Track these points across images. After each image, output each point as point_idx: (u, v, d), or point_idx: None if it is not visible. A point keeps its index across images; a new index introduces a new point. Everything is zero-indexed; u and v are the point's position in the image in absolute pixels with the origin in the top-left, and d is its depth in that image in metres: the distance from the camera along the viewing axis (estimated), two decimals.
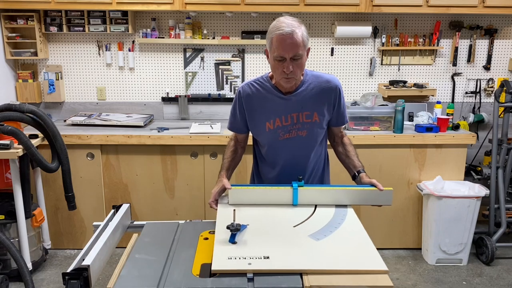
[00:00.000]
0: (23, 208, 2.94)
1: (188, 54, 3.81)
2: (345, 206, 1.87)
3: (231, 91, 3.88)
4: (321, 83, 1.94)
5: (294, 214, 1.79)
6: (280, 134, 1.95)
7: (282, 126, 1.94)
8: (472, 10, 3.44)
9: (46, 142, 3.09)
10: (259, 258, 1.45)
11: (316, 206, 1.86)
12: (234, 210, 1.70)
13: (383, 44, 3.77)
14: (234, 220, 1.61)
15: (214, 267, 1.41)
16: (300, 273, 1.39)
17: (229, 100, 3.84)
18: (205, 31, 3.70)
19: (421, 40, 3.77)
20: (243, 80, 3.84)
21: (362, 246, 1.56)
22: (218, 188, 1.94)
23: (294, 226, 1.70)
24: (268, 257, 1.46)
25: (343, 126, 2.10)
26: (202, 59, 3.81)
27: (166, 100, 3.85)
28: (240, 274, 1.39)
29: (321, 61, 3.84)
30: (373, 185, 1.92)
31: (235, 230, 1.55)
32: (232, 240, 1.55)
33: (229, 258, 1.45)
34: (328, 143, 2.16)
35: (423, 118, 3.63)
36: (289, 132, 1.95)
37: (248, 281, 1.37)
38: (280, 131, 1.95)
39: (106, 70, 3.82)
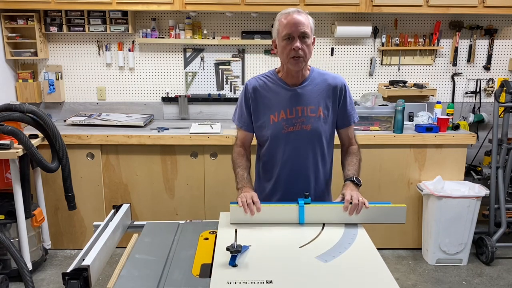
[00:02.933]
0: (23, 208, 2.94)
1: (188, 54, 3.81)
2: (355, 224, 1.74)
3: (231, 91, 3.88)
4: (327, 79, 1.97)
5: (300, 234, 1.67)
6: (284, 126, 1.94)
7: (287, 119, 1.93)
8: (472, 10, 3.44)
9: (46, 142, 3.09)
10: (261, 283, 1.34)
11: (324, 224, 1.74)
12: (236, 230, 1.61)
13: (383, 44, 3.77)
14: (235, 241, 1.52)
15: None
16: None
17: (229, 100, 3.84)
18: (205, 31, 3.70)
19: (421, 40, 3.77)
20: (243, 80, 3.84)
21: (374, 268, 1.45)
22: (253, 194, 1.83)
23: (300, 247, 1.58)
24: (271, 281, 1.35)
25: (352, 132, 2.06)
26: (202, 59, 3.81)
27: (166, 100, 3.84)
28: None
29: (321, 61, 3.83)
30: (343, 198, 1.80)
31: (235, 252, 1.45)
32: (232, 263, 1.45)
33: (228, 283, 1.34)
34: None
35: (423, 118, 3.63)
36: (293, 125, 1.94)
37: None
38: (285, 124, 1.94)
39: (106, 70, 3.81)
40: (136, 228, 1.91)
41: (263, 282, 1.34)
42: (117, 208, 1.90)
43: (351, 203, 1.75)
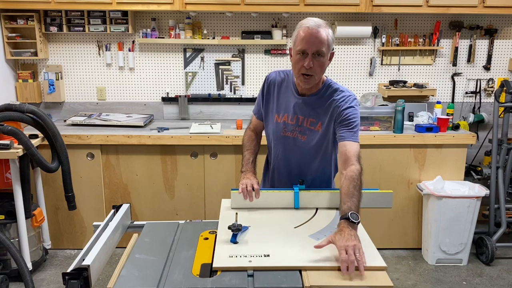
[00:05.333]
0: (23, 208, 2.94)
1: (188, 54, 3.81)
2: None
3: (231, 91, 3.88)
4: (334, 96, 1.88)
5: (295, 217, 1.81)
6: (283, 129, 1.98)
7: (287, 123, 1.97)
8: (472, 10, 3.44)
9: (46, 142, 3.09)
10: (259, 256, 1.48)
11: (317, 209, 1.88)
12: (237, 213, 1.73)
13: (383, 44, 3.77)
14: (236, 221, 1.64)
15: (216, 264, 1.44)
16: (300, 270, 1.41)
17: (229, 100, 3.84)
18: (205, 31, 3.70)
19: (421, 40, 3.77)
20: (243, 80, 3.84)
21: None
22: (254, 181, 1.90)
23: (295, 227, 1.72)
24: (268, 255, 1.49)
25: (351, 149, 1.78)
26: (202, 59, 3.81)
27: (166, 100, 3.84)
28: (241, 270, 1.41)
29: None
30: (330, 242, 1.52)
31: (236, 230, 1.59)
32: (234, 240, 1.58)
33: (230, 256, 1.48)
34: None
35: (423, 118, 3.63)
36: (291, 132, 1.97)
37: (248, 277, 1.38)
38: (284, 127, 1.98)
39: (106, 70, 3.81)
40: (136, 228, 1.91)
41: (261, 256, 1.48)
42: (117, 208, 1.90)
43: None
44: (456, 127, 3.48)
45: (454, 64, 3.84)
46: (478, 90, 3.91)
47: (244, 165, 2.03)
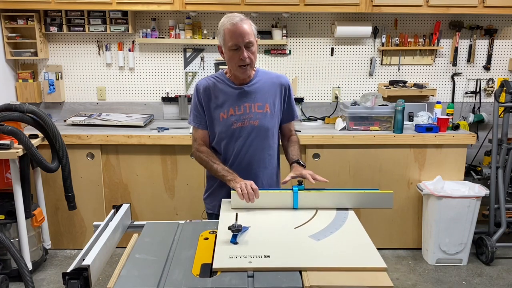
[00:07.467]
0: (23, 208, 2.94)
1: (188, 54, 3.81)
2: (346, 209, 1.88)
3: None
4: (272, 78, 2.11)
5: (295, 217, 1.82)
6: (233, 123, 2.04)
7: (235, 115, 2.03)
8: (472, 10, 3.44)
9: (46, 142, 3.10)
10: (259, 257, 1.47)
11: (317, 210, 1.88)
12: (237, 214, 1.72)
13: (383, 44, 3.77)
14: (236, 221, 1.64)
15: (216, 265, 1.43)
16: (300, 271, 1.41)
17: None
18: (205, 31, 3.70)
19: (421, 40, 3.77)
20: None
21: (362, 245, 1.59)
22: (251, 182, 1.92)
23: (295, 228, 1.72)
24: (268, 256, 1.48)
25: (293, 126, 2.24)
26: (202, 59, 3.81)
27: (166, 100, 3.85)
28: (241, 271, 1.41)
29: (321, 61, 3.84)
30: (303, 176, 1.97)
31: (236, 230, 1.58)
32: (234, 241, 1.58)
33: (230, 257, 1.48)
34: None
35: (423, 118, 3.63)
36: (241, 121, 2.04)
37: (248, 277, 1.38)
38: (233, 120, 2.04)
39: (106, 70, 3.82)
40: (136, 228, 1.91)
41: (261, 256, 1.48)
42: (117, 208, 1.90)
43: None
44: (456, 127, 3.48)
45: (454, 64, 3.84)
46: (478, 90, 3.91)
47: (226, 174, 1.98)
